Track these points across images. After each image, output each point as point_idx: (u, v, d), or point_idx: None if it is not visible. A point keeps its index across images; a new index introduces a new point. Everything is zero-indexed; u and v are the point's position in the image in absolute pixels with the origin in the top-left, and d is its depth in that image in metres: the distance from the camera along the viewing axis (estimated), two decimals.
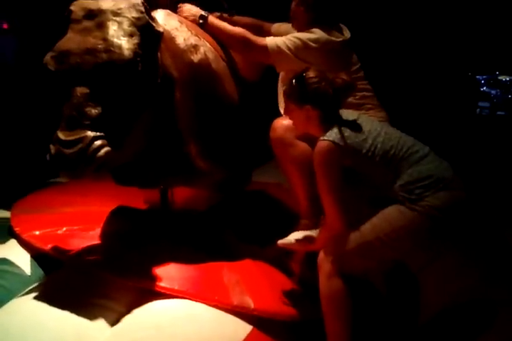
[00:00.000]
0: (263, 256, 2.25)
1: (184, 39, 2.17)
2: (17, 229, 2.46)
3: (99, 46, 1.76)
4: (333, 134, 1.73)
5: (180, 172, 2.22)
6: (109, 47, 1.75)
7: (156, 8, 2.27)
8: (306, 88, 1.78)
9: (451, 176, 1.72)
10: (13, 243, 2.44)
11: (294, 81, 1.83)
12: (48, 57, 1.80)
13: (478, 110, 8.57)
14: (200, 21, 2.34)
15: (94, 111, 1.74)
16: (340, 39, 2.26)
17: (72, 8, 1.88)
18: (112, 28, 1.79)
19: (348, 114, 1.85)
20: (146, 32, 1.85)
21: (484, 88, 9.87)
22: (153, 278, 1.95)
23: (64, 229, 2.46)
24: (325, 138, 1.73)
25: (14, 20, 4.47)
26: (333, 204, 1.71)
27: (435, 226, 1.66)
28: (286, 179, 2.24)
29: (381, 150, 1.71)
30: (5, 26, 4.48)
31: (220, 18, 2.63)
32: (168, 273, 2.01)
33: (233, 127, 2.34)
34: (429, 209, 1.64)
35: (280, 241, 1.95)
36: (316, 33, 2.22)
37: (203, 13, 2.35)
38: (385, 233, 1.66)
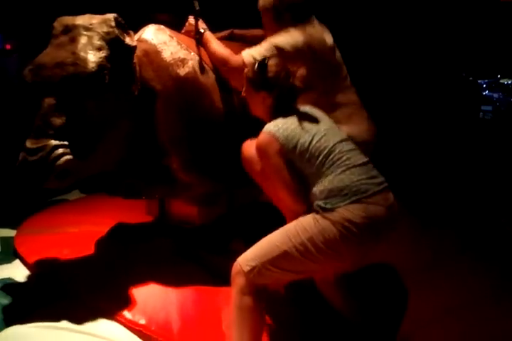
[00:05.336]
0: None
1: (171, 53, 2.20)
2: (21, 250, 2.56)
3: (68, 60, 1.84)
4: (271, 126, 1.74)
5: (161, 183, 2.25)
6: (76, 61, 1.83)
7: (156, 24, 2.34)
8: (265, 75, 1.79)
9: (373, 191, 1.64)
10: (18, 262, 2.54)
11: (256, 66, 1.83)
12: (26, 70, 1.91)
13: (481, 114, 8.44)
14: (197, 36, 2.36)
15: (58, 121, 1.82)
16: (321, 40, 2.19)
17: (54, 24, 1.99)
18: (82, 42, 1.87)
19: (301, 108, 1.85)
20: (116, 46, 1.91)
21: (486, 92, 9.27)
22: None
23: (66, 250, 2.51)
24: (265, 129, 1.74)
25: (17, 41, 4.79)
26: (283, 188, 1.71)
27: (348, 236, 1.59)
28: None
29: (314, 148, 1.68)
30: (8, 47, 4.86)
31: (231, 35, 2.64)
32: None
33: (221, 140, 2.32)
34: (341, 219, 1.59)
35: None
36: (293, 36, 2.16)
37: (200, 29, 2.36)
38: (300, 241, 1.60)
